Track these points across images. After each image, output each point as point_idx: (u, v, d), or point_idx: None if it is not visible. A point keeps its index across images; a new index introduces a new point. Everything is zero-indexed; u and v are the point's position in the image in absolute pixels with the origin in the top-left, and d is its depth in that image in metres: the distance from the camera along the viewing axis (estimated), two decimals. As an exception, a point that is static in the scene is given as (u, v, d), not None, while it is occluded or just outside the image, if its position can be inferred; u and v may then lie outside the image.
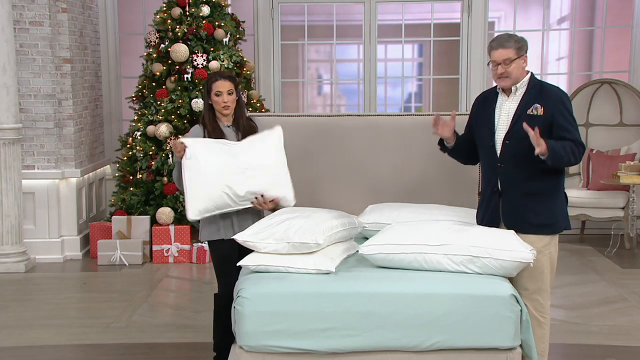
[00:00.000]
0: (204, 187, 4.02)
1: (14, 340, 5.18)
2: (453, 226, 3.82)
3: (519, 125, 3.79)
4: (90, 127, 7.93)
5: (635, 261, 7.26)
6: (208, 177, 4.02)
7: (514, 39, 3.85)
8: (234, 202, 4.06)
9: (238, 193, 4.04)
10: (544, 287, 3.89)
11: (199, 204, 4.03)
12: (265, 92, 8.31)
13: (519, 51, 3.82)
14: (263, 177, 4.08)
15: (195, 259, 7.22)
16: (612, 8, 8.81)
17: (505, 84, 3.85)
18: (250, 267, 3.72)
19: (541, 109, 3.80)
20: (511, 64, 3.80)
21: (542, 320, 3.90)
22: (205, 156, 4.04)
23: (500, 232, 3.74)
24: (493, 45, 3.84)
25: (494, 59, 3.83)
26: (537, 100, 3.82)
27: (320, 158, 4.82)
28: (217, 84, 4.17)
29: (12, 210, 6.90)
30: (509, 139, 3.84)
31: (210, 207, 4.05)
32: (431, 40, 8.80)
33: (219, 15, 7.57)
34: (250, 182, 4.05)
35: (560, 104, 3.81)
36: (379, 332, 3.48)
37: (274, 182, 4.12)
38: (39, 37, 7.16)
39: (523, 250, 3.58)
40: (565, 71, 9.61)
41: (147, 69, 7.59)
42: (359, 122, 4.91)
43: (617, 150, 7.90)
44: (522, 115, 3.81)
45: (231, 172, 4.03)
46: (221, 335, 4.19)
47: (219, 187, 4.02)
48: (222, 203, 4.05)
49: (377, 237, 3.82)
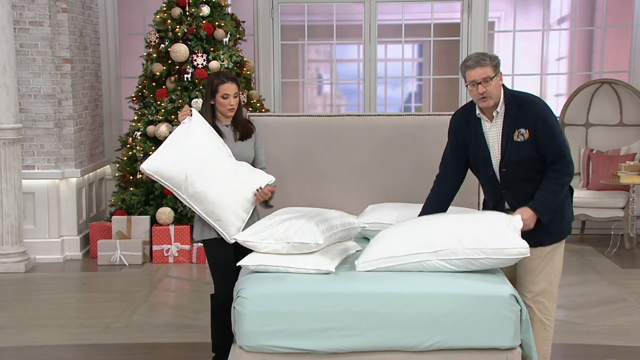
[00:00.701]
0: (174, 153, 3.96)
1: (14, 340, 5.18)
2: (444, 223, 3.74)
3: (510, 153, 3.76)
4: (90, 127, 7.93)
5: (635, 261, 7.26)
6: (184, 149, 3.97)
7: (489, 56, 3.74)
8: (184, 190, 3.97)
9: (195, 185, 3.96)
10: (549, 289, 3.87)
11: (158, 163, 3.96)
12: (265, 92, 8.31)
13: (495, 69, 3.73)
14: (226, 196, 4.01)
15: (195, 259, 7.22)
16: (612, 8, 8.81)
17: (487, 104, 3.76)
18: (250, 267, 3.72)
19: (527, 133, 3.73)
20: (491, 81, 3.70)
21: (547, 322, 3.89)
22: (199, 134, 4.01)
23: (493, 224, 3.65)
24: (469, 65, 3.71)
25: (472, 79, 3.71)
26: (519, 123, 3.74)
27: (320, 158, 4.82)
28: (224, 87, 4.14)
29: (12, 210, 6.90)
30: (504, 167, 3.81)
31: (164, 173, 3.95)
32: (431, 40, 8.80)
33: (219, 15, 7.57)
34: (213, 189, 3.97)
35: (541, 121, 3.73)
36: (379, 332, 3.48)
37: (229, 210, 4.03)
38: (39, 37, 7.16)
39: (519, 245, 3.55)
40: (565, 71, 9.61)
41: (147, 69, 7.59)
42: (359, 122, 4.90)
43: (617, 150, 7.90)
44: (510, 143, 3.76)
45: (207, 165, 3.98)
46: (219, 335, 4.19)
47: (185, 166, 3.95)
48: (176, 180, 3.97)
49: (371, 250, 3.73)
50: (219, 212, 4.02)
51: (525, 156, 3.76)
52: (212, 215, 4.02)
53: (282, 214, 3.95)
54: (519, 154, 3.76)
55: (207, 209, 4.01)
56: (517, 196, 3.82)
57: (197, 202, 4.01)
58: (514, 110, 3.77)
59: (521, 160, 3.76)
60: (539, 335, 3.81)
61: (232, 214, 4.04)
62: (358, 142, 4.85)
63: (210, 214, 4.02)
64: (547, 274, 3.84)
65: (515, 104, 3.79)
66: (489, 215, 3.76)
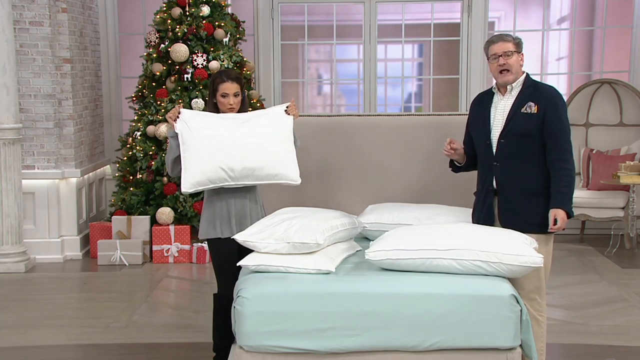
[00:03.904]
0: (197, 161, 3.98)
1: (14, 340, 5.18)
2: (460, 229, 3.79)
3: (513, 123, 3.84)
4: (90, 127, 7.93)
5: (635, 261, 7.26)
6: (201, 150, 3.98)
7: (512, 36, 3.96)
8: (230, 178, 4.00)
9: (234, 168, 3.99)
10: (541, 285, 3.90)
11: (192, 177, 4.00)
12: (265, 92, 8.31)
13: (517, 47, 3.92)
14: (263, 154, 4.01)
15: (195, 259, 7.22)
16: (612, 8, 8.81)
17: (506, 78, 3.89)
18: (250, 267, 3.72)
19: (535, 107, 3.84)
20: (512, 55, 3.87)
21: (540, 319, 3.92)
22: (199, 128, 4.00)
23: (508, 235, 3.70)
24: (493, 40, 3.93)
25: (494, 52, 3.89)
26: (531, 99, 3.86)
27: (320, 158, 4.82)
28: (224, 86, 4.14)
29: (12, 210, 6.90)
30: (503, 138, 3.88)
31: (204, 180, 4.00)
32: (431, 40, 8.80)
33: (219, 15, 7.57)
34: (249, 158, 3.99)
35: (552, 104, 3.84)
36: (379, 332, 3.48)
37: (275, 159, 4.04)
38: (39, 37, 7.16)
39: (533, 255, 3.55)
40: (565, 71, 9.61)
41: (147, 69, 7.59)
42: (359, 122, 4.91)
43: (617, 150, 7.90)
44: (517, 113, 3.85)
45: (228, 146, 3.98)
46: (221, 335, 4.19)
47: (213, 162, 3.97)
48: (217, 177, 4.00)
49: (384, 241, 3.74)
50: (270, 169, 4.02)
51: (527, 129, 3.82)
52: (270, 177, 4.03)
53: (282, 214, 3.95)
54: (522, 125, 3.83)
55: (261, 175, 4.02)
56: (506, 171, 3.87)
57: (250, 177, 4.02)
58: (530, 90, 3.90)
59: (522, 132, 3.82)
60: (534, 332, 3.82)
61: (281, 161, 4.05)
62: (358, 142, 4.85)
63: (269, 177, 4.03)
64: (539, 271, 3.85)
65: (533, 86, 3.93)
66: (509, 231, 3.78)
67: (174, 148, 4.09)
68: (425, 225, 4.03)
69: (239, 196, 4.17)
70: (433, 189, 4.82)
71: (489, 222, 3.94)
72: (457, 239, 3.62)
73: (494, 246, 3.57)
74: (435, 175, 4.81)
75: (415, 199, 4.77)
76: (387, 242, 3.72)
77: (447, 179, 4.80)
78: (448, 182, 4.78)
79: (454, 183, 4.78)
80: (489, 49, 3.92)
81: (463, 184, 4.76)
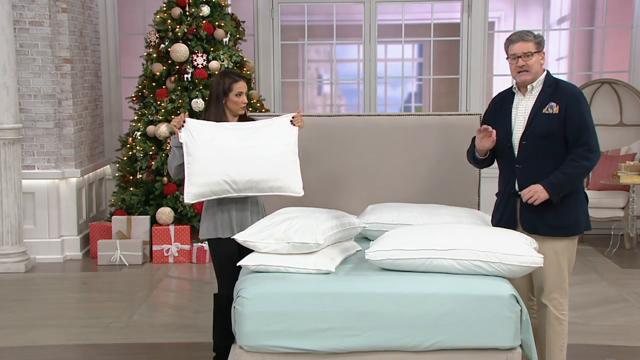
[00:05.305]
0: (201, 173, 3.99)
1: (14, 340, 5.18)
2: (460, 229, 3.79)
3: (535, 124, 3.78)
4: (90, 127, 7.93)
5: (635, 261, 7.26)
6: (205, 163, 3.98)
7: (533, 34, 3.86)
8: (233, 190, 4.02)
9: (237, 180, 4.00)
10: (563, 286, 3.89)
11: (195, 189, 4.01)
12: (265, 92, 8.31)
13: (538, 46, 3.83)
14: (267, 167, 4.02)
15: (195, 259, 7.22)
16: (612, 8, 8.81)
17: (525, 78, 3.82)
18: (250, 267, 3.72)
19: (556, 107, 3.77)
20: (532, 56, 3.79)
21: (562, 317, 3.91)
22: (205, 139, 4.01)
23: (508, 235, 3.70)
24: (513, 39, 3.84)
25: (513, 52, 3.82)
26: (552, 98, 3.79)
27: (320, 158, 4.82)
28: (238, 85, 4.17)
29: (12, 210, 6.90)
30: (525, 139, 3.82)
31: (207, 192, 4.02)
32: (431, 40, 8.80)
33: (219, 15, 7.57)
34: (252, 171, 4.00)
35: (574, 101, 3.78)
36: (379, 332, 3.48)
37: (279, 173, 4.05)
38: (39, 37, 7.16)
39: (533, 254, 3.55)
40: (566, 71, 9.61)
41: (147, 69, 7.59)
42: (359, 122, 4.91)
43: (617, 150, 7.90)
44: (538, 114, 3.79)
45: (232, 159, 3.99)
46: (221, 335, 4.19)
47: (217, 175, 3.98)
48: (220, 190, 4.02)
49: (384, 241, 3.73)
50: (273, 182, 4.03)
51: (549, 130, 3.76)
52: (273, 189, 4.04)
53: (282, 214, 3.95)
54: (544, 126, 3.77)
55: (264, 187, 4.03)
56: (528, 173, 3.80)
57: (253, 189, 4.03)
58: (551, 89, 3.83)
59: (544, 133, 3.75)
60: (555, 330, 3.86)
61: (285, 174, 4.05)
62: (358, 142, 4.86)
63: (272, 190, 4.05)
64: (560, 272, 3.85)
65: (554, 85, 3.85)
66: (509, 231, 3.77)
67: (178, 157, 4.11)
68: (425, 225, 4.02)
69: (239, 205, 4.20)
70: (433, 188, 4.82)
71: (511, 225, 3.89)
72: (457, 239, 3.62)
73: (494, 246, 3.57)
74: (435, 175, 4.81)
75: (416, 199, 4.77)
76: (387, 242, 3.71)
77: (447, 179, 4.80)
78: (448, 182, 4.79)
79: (454, 183, 4.79)
80: (509, 48, 3.84)
81: (463, 184, 4.76)
